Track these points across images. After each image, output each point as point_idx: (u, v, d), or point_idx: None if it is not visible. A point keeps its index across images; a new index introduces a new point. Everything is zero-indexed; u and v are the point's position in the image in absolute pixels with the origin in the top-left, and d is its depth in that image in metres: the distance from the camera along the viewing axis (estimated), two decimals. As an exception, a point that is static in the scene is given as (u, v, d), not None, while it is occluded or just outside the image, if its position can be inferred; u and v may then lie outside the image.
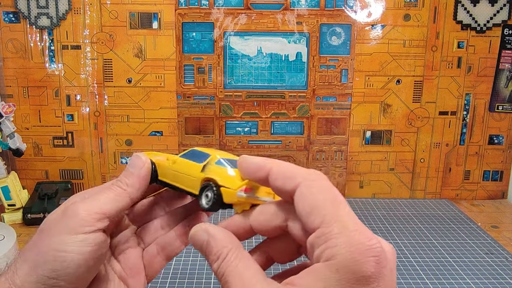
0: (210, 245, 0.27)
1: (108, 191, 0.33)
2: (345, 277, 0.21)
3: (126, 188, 0.34)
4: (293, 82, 0.87)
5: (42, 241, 0.30)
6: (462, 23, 0.86)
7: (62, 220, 0.31)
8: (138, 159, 0.35)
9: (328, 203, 0.24)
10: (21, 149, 0.79)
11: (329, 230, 0.23)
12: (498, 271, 0.64)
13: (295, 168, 0.26)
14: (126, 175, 0.35)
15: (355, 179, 0.92)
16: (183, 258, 0.66)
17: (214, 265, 0.26)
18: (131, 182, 0.34)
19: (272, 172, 0.26)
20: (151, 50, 0.85)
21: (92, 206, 0.31)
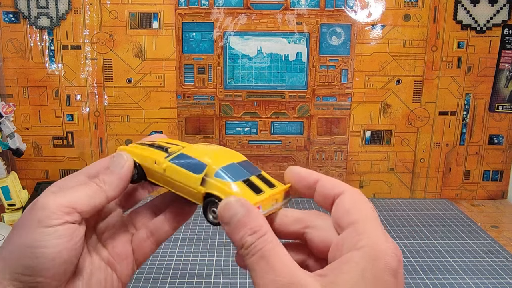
0: (247, 218, 0.27)
1: (84, 187, 0.32)
2: (380, 266, 0.24)
3: (103, 185, 0.33)
4: (293, 82, 0.87)
5: (15, 237, 0.30)
6: (462, 23, 0.86)
7: (31, 214, 0.30)
8: (120, 158, 0.34)
9: (365, 206, 0.28)
10: (21, 149, 0.79)
11: (365, 225, 0.26)
12: (498, 271, 0.64)
13: (339, 181, 0.31)
14: (105, 172, 0.33)
15: (355, 179, 0.92)
16: (183, 258, 0.66)
17: (249, 238, 0.26)
18: (109, 180, 0.33)
19: (322, 180, 0.31)
20: (151, 50, 0.85)
21: (62, 199, 0.30)
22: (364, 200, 0.29)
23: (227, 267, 0.64)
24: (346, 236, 0.27)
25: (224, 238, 0.72)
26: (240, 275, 0.62)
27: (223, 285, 0.60)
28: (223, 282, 0.60)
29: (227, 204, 0.28)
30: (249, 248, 0.26)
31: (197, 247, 0.69)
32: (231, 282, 0.60)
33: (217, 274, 0.62)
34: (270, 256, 0.26)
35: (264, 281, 0.25)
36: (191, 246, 0.70)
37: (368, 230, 0.26)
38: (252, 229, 0.27)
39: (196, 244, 0.70)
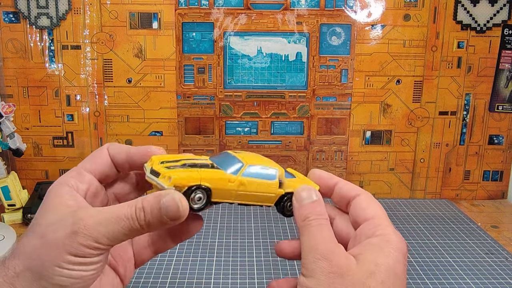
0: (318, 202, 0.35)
1: (124, 221, 0.30)
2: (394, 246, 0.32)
3: (144, 227, 0.30)
4: (293, 82, 0.87)
5: (46, 254, 0.30)
6: (462, 23, 0.86)
7: (68, 239, 0.30)
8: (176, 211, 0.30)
9: (379, 207, 0.35)
10: (21, 149, 0.79)
11: (381, 220, 0.33)
12: (498, 271, 0.64)
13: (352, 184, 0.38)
14: (153, 213, 0.30)
15: (355, 179, 0.92)
16: (183, 258, 0.66)
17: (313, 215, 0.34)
18: (153, 224, 0.30)
19: (340, 183, 0.38)
20: (151, 50, 0.85)
21: (101, 234, 0.30)
22: (376, 202, 0.35)
23: (227, 267, 0.64)
24: (363, 228, 0.33)
25: (224, 238, 0.72)
26: (240, 275, 0.62)
27: (223, 285, 0.60)
28: (223, 282, 0.60)
29: (309, 190, 0.35)
30: (312, 220, 0.33)
31: (197, 247, 0.69)
32: (231, 282, 0.60)
33: (217, 274, 0.62)
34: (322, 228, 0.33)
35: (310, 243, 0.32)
36: (191, 246, 0.70)
37: (382, 224, 0.33)
38: (319, 211, 0.34)
39: (196, 244, 0.70)
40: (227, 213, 0.82)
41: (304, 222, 0.34)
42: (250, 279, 0.61)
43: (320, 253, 0.31)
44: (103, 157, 0.36)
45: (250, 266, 0.64)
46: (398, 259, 0.31)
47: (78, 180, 0.34)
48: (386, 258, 0.31)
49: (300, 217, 0.34)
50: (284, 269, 0.63)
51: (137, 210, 0.30)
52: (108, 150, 0.37)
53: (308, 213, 0.34)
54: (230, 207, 0.84)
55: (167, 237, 0.38)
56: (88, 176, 0.35)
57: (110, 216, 0.30)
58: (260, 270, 0.63)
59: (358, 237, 0.34)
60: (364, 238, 0.33)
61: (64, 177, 0.34)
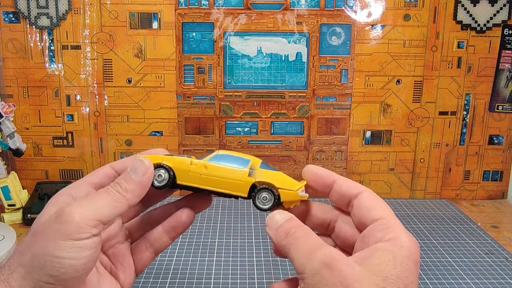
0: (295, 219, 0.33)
1: (106, 195, 0.32)
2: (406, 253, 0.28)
3: (125, 194, 0.33)
4: (293, 82, 0.87)
5: (37, 245, 0.30)
6: (462, 23, 0.86)
7: (56, 224, 0.30)
8: (141, 164, 0.34)
9: (385, 206, 0.32)
10: (21, 149, 0.79)
11: (390, 221, 0.30)
12: (498, 271, 0.64)
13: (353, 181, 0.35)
14: (126, 179, 0.33)
15: (355, 179, 0.92)
16: (183, 258, 0.66)
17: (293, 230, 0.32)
18: (131, 188, 0.33)
19: (340, 180, 0.35)
20: (151, 50, 0.85)
21: (88, 211, 0.31)
22: (381, 199, 0.33)
23: (227, 267, 0.64)
24: (372, 230, 0.31)
25: (224, 238, 0.72)
26: (240, 275, 0.62)
27: (223, 285, 0.60)
28: (223, 282, 0.60)
29: (280, 212, 0.33)
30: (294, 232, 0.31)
31: (197, 247, 0.69)
32: (231, 282, 0.60)
33: (217, 274, 0.62)
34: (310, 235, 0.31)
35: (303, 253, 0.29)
36: (191, 246, 0.70)
37: (393, 225, 0.30)
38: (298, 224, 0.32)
39: (196, 244, 0.70)
40: (227, 213, 0.82)
41: (287, 238, 0.31)
42: (250, 279, 0.61)
43: (319, 260, 0.28)
44: (103, 171, 0.37)
45: (250, 266, 0.64)
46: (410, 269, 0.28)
47: (77, 190, 0.35)
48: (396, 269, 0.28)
49: (280, 237, 0.32)
50: (284, 269, 0.63)
51: (112, 184, 0.33)
52: (112, 166, 0.38)
53: (288, 228, 0.32)
54: (230, 207, 0.84)
55: (163, 234, 0.38)
56: (87, 187, 0.36)
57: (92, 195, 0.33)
58: (260, 270, 0.63)
59: (367, 238, 0.31)
60: (373, 241, 0.30)
61: (64, 189, 0.35)
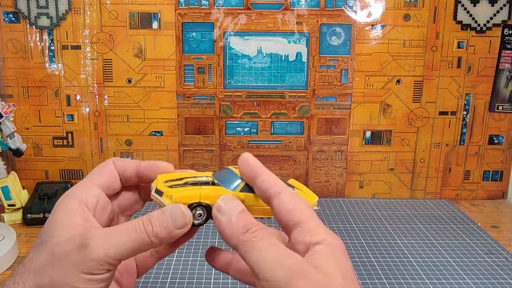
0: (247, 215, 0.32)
1: (133, 235, 0.31)
2: (338, 251, 0.30)
3: (153, 239, 0.31)
4: (293, 82, 0.87)
5: (56, 272, 0.30)
6: (462, 23, 0.86)
7: (78, 256, 0.30)
8: (182, 218, 0.32)
9: (306, 206, 0.32)
10: (21, 149, 0.79)
11: (311, 224, 0.30)
12: (498, 271, 0.64)
13: (277, 179, 0.33)
14: (161, 225, 0.31)
15: (355, 179, 0.92)
16: (183, 258, 0.66)
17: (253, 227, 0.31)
18: (162, 236, 0.31)
19: (263, 176, 0.33)
20: (151, 50, 0.85)
21: (112, 249, 0.30)
22: (300, 199, 0.32)
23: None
24: (297, 236, 0.30)
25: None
26: (240, 275, 0.62)
27: (223, 285, 0.60)
28: (223, 282, 0.60)
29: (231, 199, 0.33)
30: (255, 232, 0.30)
31: (197, 247, 0.69)
32: (231, 282, 0.60)
33: (217, 274, 0.62)
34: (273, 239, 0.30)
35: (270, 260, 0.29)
36: (191, 246, 0.70)
37: (314, 227, 0.30)
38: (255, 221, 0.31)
39: (196, 244, 0.70)
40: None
41: (245, 235, 0.30)
42: (250, 279, 0.61)
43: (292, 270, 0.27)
44: (109, 170, 0.37)
45: (250, 266, 0.64)
46: (348, 263, 0.30)
47: (88, 194, 0.34)
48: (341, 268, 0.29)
49: (236, 231, 0.30)
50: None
51: (145, 223, 0.31)
52: (114, 163, 0.37)
53: (245, 224, 0.30)
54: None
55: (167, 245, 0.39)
56: (96, 190, 0.35)
57: (119, 230, 0.31)
58: (260, 270, 0.63)
59: (295, 248, 0.30)
60: (303, 248, 0.30)
61: (73, 191, 0.34)
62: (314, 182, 0.92)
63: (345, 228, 0.78)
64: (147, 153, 0.89)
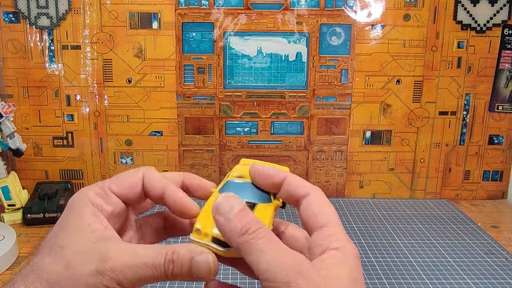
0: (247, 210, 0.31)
1: (150, 267, 0.30)
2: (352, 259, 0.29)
3: (169, 277, 0.30)
4: (293, 82, 0.87)
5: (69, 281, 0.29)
6: (462, 23, 0.86)
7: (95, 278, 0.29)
8: (207, 273, 0.31)
9: (332, 211, 0.32)
10: (21, 149, 0.79)
11: (335, 228, 0.31)
12: (498, 271, 0.64)
13: (304, 180, 0.33)
14: (183, 269, 0.30)
15: (355, 179, 0.92)
16: (183, 258, 0.66)
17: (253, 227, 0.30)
18: (179, 278, 0.30)
19: (288, 179, 0.33)
20: (151, 50, 0.85)
21: (128, 279, 0.29)
22: (329, 204, 0.32)
23: (227, 267, 0.64)
24: (316, 240, 0.30)
25: (224, 238, 0.72)
26: (240, 275, 0.62)
27: (223, 285, 0.60)
28: (223, 282, 0.60)
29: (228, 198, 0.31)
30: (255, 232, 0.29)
31: (197, 247, 0.69)
32: (231, 282, 0.60)
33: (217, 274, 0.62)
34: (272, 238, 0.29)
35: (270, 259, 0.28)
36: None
37: (336, 233, 0.30)
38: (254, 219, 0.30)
39: (196, 244, 0.70)
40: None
41: (244, 236, 0.29)
42: (250, 279, 0.61)
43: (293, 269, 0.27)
44: (133, 182, 0.34)
45: (250, 266, 0.64)
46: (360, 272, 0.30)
47: (104, 200, 0.33)
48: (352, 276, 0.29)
49: (237, 231, 0.29)
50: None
51: (167, 262, 0.30)
52: (144, 178, 0.35)
53: (245, 224, 0.29)
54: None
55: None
56: (114, 198, 0.33)
57: (138, 262, 0.30)
58: (260, 270, 0.63)
59: (312, 249, 0.30)
60: (319, 251, 0.30)
61: (89, 193, 0.32)
62: (314, 182, 0.92)
63: (345, 228, 0.77)
64: (147, 153, 0.89)
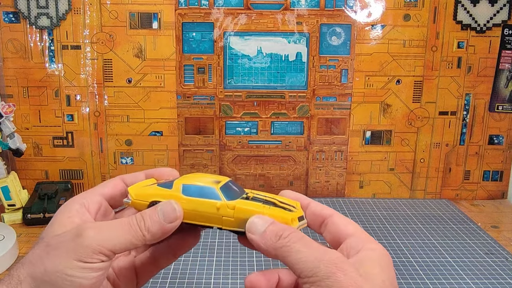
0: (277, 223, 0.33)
1: (127, 228, 0.32)
2: (385, 260, 0.32)
3: (145, 234, 0.32)
4: (293, 82, 0.87)
5: (50, 261, 0.31)
6: (462, 23, 0.86)
7: (72, 244, 0.31)
8: (172, 212, 0.33)
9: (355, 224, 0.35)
10: (21, 149, 0.79)
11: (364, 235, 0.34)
12: (498, 271, 0.64)
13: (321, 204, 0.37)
14: (152, 219, 0.33)
15: (355, 179, 0.92)
16: (183, 258, 0.66)
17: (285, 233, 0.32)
18: (153, 230, 0.33)
19: (313, 203, 0.37)
20: (151, 50, 0.85)
21: (105, 240, 0.31)
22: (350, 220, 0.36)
23: (227, 267, 0.64)
24: (350, 243, 0.33)
25: (224, 238, 0.72)
26: (240, 275, 0.62)
27: (223, 285, 0.60)
28: (223, 282, 0.60)
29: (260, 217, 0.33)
30: (288, 236, 0.31)
31: (197, 247, 0.69)
32: (231, 282, 0.60)
33: (217, 274, 0.62)
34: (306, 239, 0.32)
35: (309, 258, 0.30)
36: (191, 246, 0.70)
37: (366, 239, 0.34)
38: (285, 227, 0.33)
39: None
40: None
41: (279, 242, 0.31)
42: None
43: (332, 265, 0.29)
44: (114, 184, 0.38)
45: (250, 266, 0.64)
46: (392, 273, 0.32)
47: (90, 199, 0.36)
48: (384, 274, 0.31)
49: (271, 240, 0.31)
50: (284, 269, 0.63)
51: (137, 218, 0.33)
52: (123, 179, 0.39)
53: (277, 231, 0.32)
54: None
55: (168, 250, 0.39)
56: (99, 197, 0.37)
57: (113, 223, 0.33)
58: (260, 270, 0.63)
59: (346, 251, 0.33)
60: (353, 251, 0.32)
61: (76, 197, 0.36)
62: (314, 182, 0.92)
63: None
64: (147, 153, 0.89)
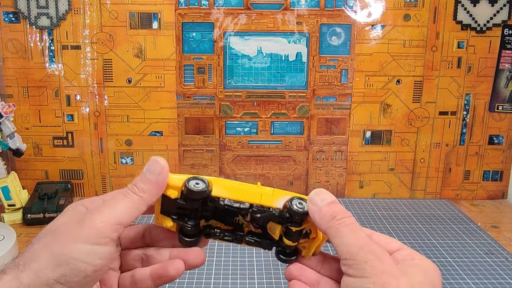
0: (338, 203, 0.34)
1: (124, 199, 0.33)
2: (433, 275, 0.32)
3: (142, 195, 0.33)
4: (293, 82, 0.87)
5: (56, 244, 0.31)
6: (462, 23, 0.86)
7: (77, 228, 0.31)
8: (156, 164, 0.34)
9: (397, 241, 0.36)
10: (21, 149, 0.79)
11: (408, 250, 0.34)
12: (498, 271, 0.64)
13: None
14: (142, 180, 0.33)
15: (355, 179, 0.92)
16: (183, 258, 0.66)
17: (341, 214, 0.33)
18: (147, 188, 0.33)
19: None
20: (151, 50, 0.85)
21: (109, 216, 0.31)
22: (389, 237, 0.37)
23: (227, 267, 0.64)
24: (396, 256, 0.34)
25: (224, 238, 0.72)
26: (240, 275, 0.62)
27: (223, 285, 0.60)
28: (223, 282, 0.60)
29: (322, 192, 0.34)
30: (341, 219, 0.33)
31: (197, 247, 0.69)
32: (231, 282, 0.60)
33: (217, 274, 0.62)
34: (356, 226, 0.33)
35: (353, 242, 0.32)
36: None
37: (415, 253, 0.34)
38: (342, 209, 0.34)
39: (196, 244, 0.70)
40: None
41: (332, 221, 0.33)
42: (250, 279, 0.61)
43: (372, 252, 0.31)
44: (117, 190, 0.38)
45: (250, 266, 0.64)
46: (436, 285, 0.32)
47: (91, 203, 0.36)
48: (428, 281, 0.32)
49: (326, 218, 0.33)
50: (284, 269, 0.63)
51: (129, 187, 0.34)
52: None
53: (334, 212, 0.33)
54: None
55: (148, 278, 0.36)
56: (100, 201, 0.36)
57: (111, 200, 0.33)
58: (260, 270, 0.63)
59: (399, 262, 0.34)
60: (401, 262, 0.33)
61: (80, 201, 0.36)
62: (314, 182, 0.92)
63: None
64: (147, 153, 0.89)
